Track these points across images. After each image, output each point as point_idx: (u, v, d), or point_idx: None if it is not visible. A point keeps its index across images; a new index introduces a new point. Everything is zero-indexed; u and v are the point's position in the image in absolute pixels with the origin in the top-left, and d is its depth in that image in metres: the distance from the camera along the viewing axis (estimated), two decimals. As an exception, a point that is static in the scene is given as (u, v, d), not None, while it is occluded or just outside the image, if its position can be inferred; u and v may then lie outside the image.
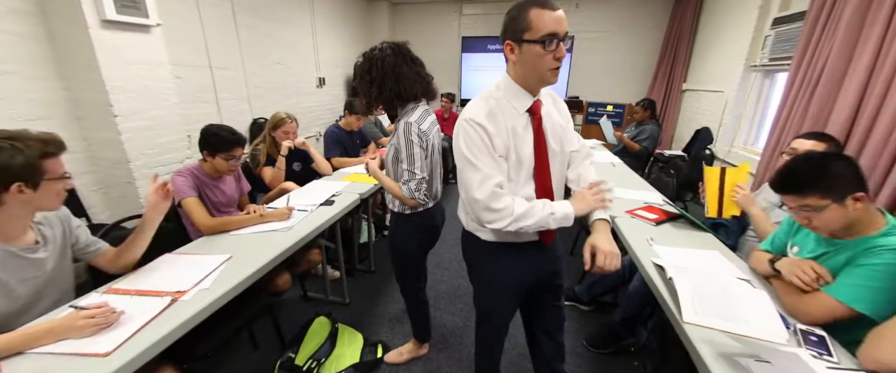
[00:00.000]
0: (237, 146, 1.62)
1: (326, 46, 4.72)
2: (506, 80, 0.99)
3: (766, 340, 0.91)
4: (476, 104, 0.99)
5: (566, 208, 0.98)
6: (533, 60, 0.90)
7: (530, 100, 0.98)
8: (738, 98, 3.53)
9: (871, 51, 2.06)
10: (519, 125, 0.98)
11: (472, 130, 0.95)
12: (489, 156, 0.95)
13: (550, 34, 0.86)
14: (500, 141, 0.95)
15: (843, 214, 0.96)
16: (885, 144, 1.90)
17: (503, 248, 1.09)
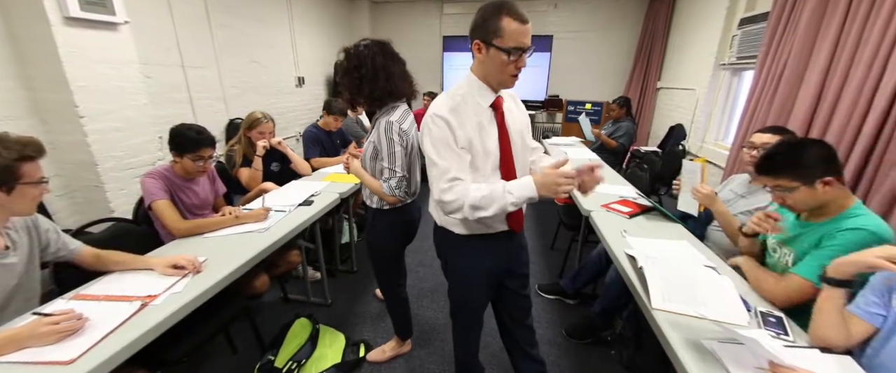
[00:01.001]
0: (204, 146, 1.57)
1: (305, 45, 4.65)
2: (471, 77, 1.04)
3: (728, 322, 0.96)
4: (441, 100, 1.03)
5: (524, 189, 0.92)
6: (497, 65, 0.96)
7: (493, 96, 1.03)
8: (708, 95, 3.67)
9: (827, 50, 2.18)
10: (484, 119, 1.02)
11: (434, 124, 0.99)
12: (449, 149, 0.98)
13: (518, 47, 0.92)
14: (462, 133, 0.99)
15: (812, 195, 1.03)
16: (841, 136, 2.01)
17: (474, 240, 1.12)
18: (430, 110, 1.01)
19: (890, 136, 1.79)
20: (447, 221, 1.14)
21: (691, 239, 1.49)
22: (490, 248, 1.14)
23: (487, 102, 1.03)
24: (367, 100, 1.30)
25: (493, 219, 1.06)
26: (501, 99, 1.06)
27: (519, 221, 1.14)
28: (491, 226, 1.11)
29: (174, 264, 1.20)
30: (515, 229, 1.14)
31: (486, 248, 1.13)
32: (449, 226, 1.14)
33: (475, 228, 1.11)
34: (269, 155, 2.17)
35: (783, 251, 1.16)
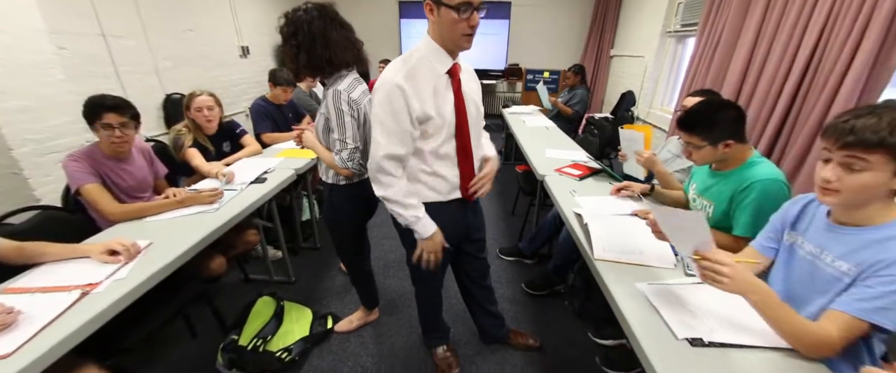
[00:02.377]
0: (104, 109, 1.38)
1: (248, 11, 4.27)
2: (427, 40, 1.02)
3: (658, 266, 1.08)
4: (396, 65, 1.01)
5: (426, 229, 1.09)
6: (449, 24, 0.94)
7: (450, 61, 1.02)
8: (656, 62, 3.85)
9: (756, 21, 2.35)
10: (440, 84, 1.02)
11: (387, 93, 0.97)
12: (395, 121, 0.98)
13: (465, 2, 0.91)
14: (418, 103, 0.98)
15: (713, 153, 1.19)
16: (765, 99, 2.22)
17: (430, 207, 1.13)
18: (384, 76, 0.99)
19: (802, 100, 2.00)
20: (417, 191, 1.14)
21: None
22: (444, 214, 1.15)
23: (444, 68, 1.02)
24: (305, 68, 1.24)
25: (444, 188, 1.13)
26: (458, 66, 1.06)
27: (470, 191, 1.18)
28: (445, 194, 1.14)
29: (110, 250, 1.13)
30: (468, 198, 1.18)
31: (439, 214, 1.14)
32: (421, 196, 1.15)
33: (429, 195, 1.13)
34: (220, 134, 2.04)
35: (703, 203, 1.30)
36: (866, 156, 0.73)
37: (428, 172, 1.10)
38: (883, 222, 0.79)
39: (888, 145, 0.71)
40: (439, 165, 1.09)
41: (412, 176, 1.11)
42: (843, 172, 0.76)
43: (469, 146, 1.11)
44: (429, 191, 1.12)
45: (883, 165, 0.73)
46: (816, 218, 0.91)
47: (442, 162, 1.09)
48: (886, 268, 0.74)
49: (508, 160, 4.08)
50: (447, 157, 1.09)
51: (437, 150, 1.07)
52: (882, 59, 1.63)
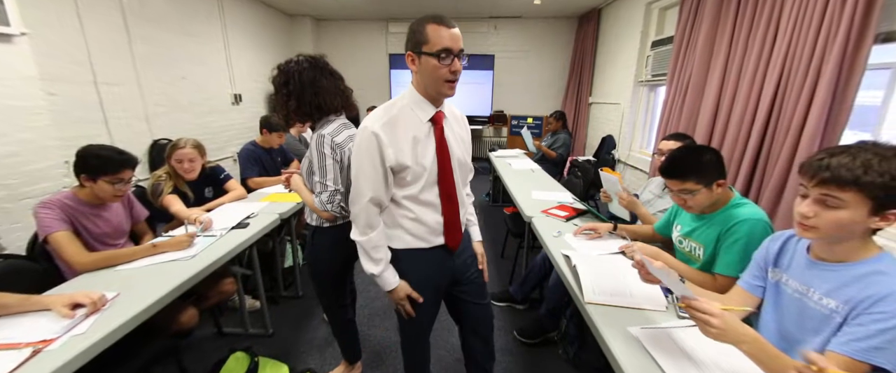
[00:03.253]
0: (125, 167, 1.43)
1: (242, 61, 4.44)
2: (410, 90, 1.05)
3: (650, 309, 1.05)
4: (377, 113, 1.03)
5: (388, 282, 1.10)
6: (430, 72, 0.97)
7: (432, 110, 1.04)
8: (631, 108, 4.08)
9: (720, 67, 2.54)
10: (421, 133, 1.03)
11: (363, 138, 1.00)
12: (371, 166, 1.00)
13: (445, 49, 0.94)
14: (393, 151, 0.99)
15: (709, 195, 1.20)
16: (736, 140, 2.34)
17: (412, 253, 1.11)
18: (364, 123, 1.01)
19: (772, 139, 2.12)
20: (396, 236, 1.12)
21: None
22: (427, 261, 1.13)
23: (427, 116, 1.03)
24: (295, 114, 1.28)
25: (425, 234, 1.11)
26: (442, 114, 1.06)
27: (456, 238, 1.14)
28: (427, 240, 1.11)
29: (73, 303, 1.05)
30: (451, 246, 1.14)
31: (422, 261, 1.12)
32: (387, 241, 1.12)
33: (411, 241, 1.10)
34: (202, 179, 2.02)
35: (691, 245, 1.31)
36: (840, 194, 0.75)
37: (410, 217, 1.08)
38: (861, 259, 0.80)
39: (862, 184, 0.73)
40: (421, 211, 1.08)
41: (393, 222, 1.09)
42: (820, 208, 0.78)
43: (453, 192, 1.10)
44: (410, 237, 1.10)
45: (857, 204, 0.74)
46: (797, 254, 0.92)
47: (423, 208, 1.08)
48: (875, 305, 0.74)
49: (496, 202, 4.11)
50: (429, 203, 1.08)
51: (417, 196, 1.05)
52: (838, 100, 1.76)
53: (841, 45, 1.70)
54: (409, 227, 1.09)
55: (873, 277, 0.77)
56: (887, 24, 1.68)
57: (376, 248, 1.07)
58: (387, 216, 1.09)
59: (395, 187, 1.05)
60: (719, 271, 1.18)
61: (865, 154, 0.74)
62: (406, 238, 1.10)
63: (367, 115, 3.30)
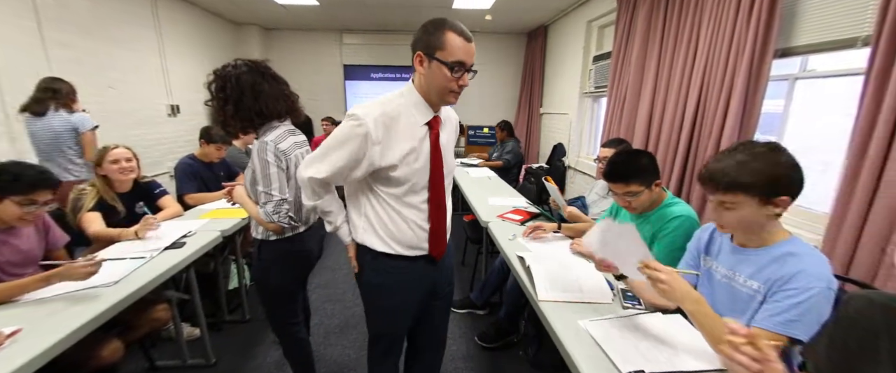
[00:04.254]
0: (39, 188, 1.24)
1: (181, 71, 4.14)
2: (410, 90, 1.00)
3: (598, 302, 1.10)
4: (372, 104, 0.96)
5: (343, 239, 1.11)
6: (438, 79, 0.93)
7: (430, 114, 0.99)
8: (578, 118, 4.34)
9: (651, 80, 2.78)
10: (416, 136, 0.98)
11: (351, 127, 0.93)
12: (346, 155, 0.94)
13: (460, 62, 0.91)
14: (381, 149, 0.94)
15: (650, 196, 1.30)
16: (668, 145, 2.56)
17: (394, 260, 1.06)
18: (355, 111, 0.93)
19: (697, 143, 2.34)
20: (365, 237, 1.06)
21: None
22: (410, 271, 1.08)
23: (424, 119, 0.98)
24: (232, 120, 1.21)
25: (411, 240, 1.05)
26: (439, 120, 1.02)
27: (440, 247, 1.09)
28: (411, 247, 1.06)
29: None
30: (435, 256, 1.09)
31: (405, 271, 1.07)
32: (365, 241, 1.06)
33: (394, 246, 1.04)
34: (135, 193, 1.82)
35: None
36: (730, 198, 0.85)
37: (394, 218, 1.02)
38: (776, 242, 0.90)
39: (742, 185, 0.83)
40: (407, 214, 1.03)
41: (376, 221, 1.03)
42: (722, 210, 0.89)
43: (443, 199, 1.06)
44: (392, 241, 1.04)
45: (747, 201, 0.85)
46: (724, 243, 1.02)
47: (409, 211, 1.03)
48: (787, 283, 0.83)
49: (456, 211, 4.11)
50: (415, 207, 1.03)
51: (403, 198, 1.01)
52: (748, 107, 2.00)
53: (748, 60, 1.94)
54: (392, 229, 1.03)
55: (786, 258, 0.86)
56: (783, 41, 1.95)
57: (328, 212, 1.07)
58: (371, 212, 1.04)
59: (381, 185, 1.00)
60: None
61: (740, 156, 0.85)
62: (388, 241, 1.04)
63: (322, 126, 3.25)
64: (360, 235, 1.07)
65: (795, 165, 0.83)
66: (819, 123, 1.98)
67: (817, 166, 1.96)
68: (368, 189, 1.03)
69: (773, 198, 0.83)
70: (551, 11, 4.61)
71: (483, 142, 5.75)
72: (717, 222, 0.93)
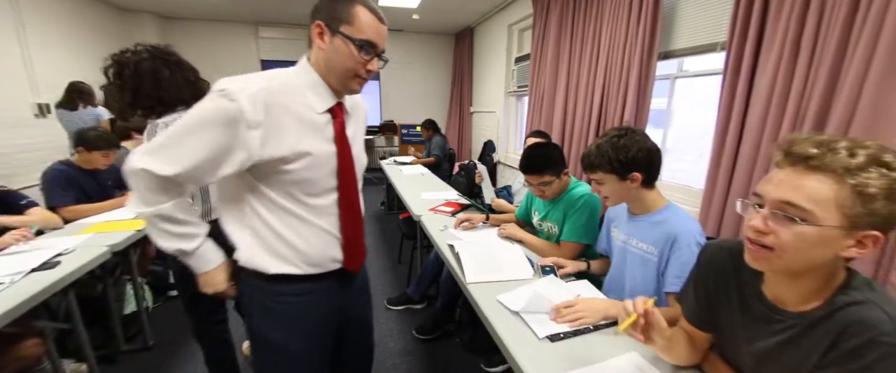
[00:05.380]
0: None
1: (51, 64, 3.47)
2: (304, 68, 0.80)
3: (519, 278, 1.19)
4: (251, 78, 0.73)
5: (207, 259, 0.84)
6: (342, 58, 0.76)
7: (331, 99, 0.81)
8: (505, 116, 4.59)
9: (563, 82, 3.05)
10: (311, 125, 0.78)
11: (216, 104, 0.69)
12: (208, 143, 0.71)
13: (370, 42, 0.76)
14: (261, 136, 0.71)
15: (559, 183, 1.43)
16: (581, 137, 2.83)
17: (296, 285, 0.84)
18: (223, 84, 0.70)
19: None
20: (252, 257, 0.81)
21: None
22: (316, 293, 0.87)
23: (323, 105, 0.79)
24: (130, 108, 1.11)
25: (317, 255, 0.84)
26: (343, 108, 0.84)
27: (358, 258, 0.91)
28: (319, 263, 0.85)
29: None
30: (352, 269, 0.90)
31: (310, 293, 0.86)
32: (254, 262, 0.81)
33: (298, 263, 0.83)
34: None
35: (547, 225, 1.54)
36: (595, 176, 1.05)
37: (293, 229, 0.81)
38: (657, 209, 1.06)
39: (600, 165, 1.03)
40: (312, 221, 0.82)
41: (268, 234, 0.80)
42: (599, 186, 1.07)
43: (356, 200, 0.88)
44: (297, 260, 0.83)
45: (610, 178, 1.03)
46: (624, 214, 1.17)
47: (314, 217, 0.82)
48: (674, 245, 0.99)
49: (392, 210, 4.10)
50: (321, 213, 0.83)
51: (306, 201, 0.81)
52: (641, 103, 2.30)
53: (638, 61, 2.23)
54: (293, 241, 0.81)
55: (666, 222, 1.03)
56: (665, 45, 2.28)
57: (178, 223, 0.78)
58: (258, 222, 0.80)
59: (272, 185, 0.78)
60: (564, 239, 1.42)
61: (600, 141, 1.04)
62: (289, 258, 0.82)
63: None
64: (245, 255, 0.81)
65: (643, 147, 1.01)
66: (697, 117, 2.35)
67: (695, 153, 2.34)
68: (252, 191, 0.79)
69: (627, 174, 1.01)
70: (476, 14, 4.81)
71: (417, 140, 5.77)
72: (600, 197, 1.11)
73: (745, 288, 0.69)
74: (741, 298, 0.70)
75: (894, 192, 0.50)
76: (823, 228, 0.52)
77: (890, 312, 0.52)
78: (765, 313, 0.65)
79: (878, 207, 0.50)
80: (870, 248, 0.53)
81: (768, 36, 1.58)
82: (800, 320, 0.60)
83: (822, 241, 0.53)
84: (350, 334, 1.01)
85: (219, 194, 0.86)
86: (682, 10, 2.20)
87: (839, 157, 0.51)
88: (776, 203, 0.55)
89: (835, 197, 0.51)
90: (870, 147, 0.52)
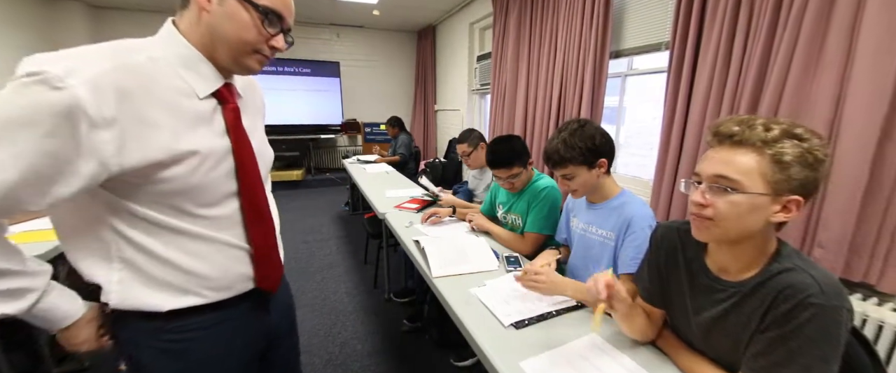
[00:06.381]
0: None
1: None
2: (172, 36, 0.61)
3: (484, 270, 1.20)
4: (87, 53, 0.52)
5: (63, 309, 0.62)
6: (237, 27, 0.60)
7: (217, 81, 0.64)
8: (469, 114, 4.63)
9: (524, 77, 3.12)
10: (191, 113, 0.60)
11: (29, 93, 0.47)
12: (29, 160, 0.48)
13: (276, 13, 0.61)
14: (116, 136, 0.52)
15: (526, 174, 1.47)
16: (542, 132, 2.91)
17: (200, 318, 0.67)
18: (44, 65, 0.48)
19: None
20: (129, 296, 0.61)
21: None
22: (230, 324, 0.71)
23: (207, 88, 0.62)
24: None
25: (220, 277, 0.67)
26: (234, 90, 0.68)
27: (273, 273, 0.75)
28: (227, 286, 0.68)
29: None
30: (268, 288, 0.75)
31: (224, 325, 0.70)
32: (135, 302, 0.62)
33: (199, 291, 0.65)
34: None
35: (512, 217, 1.57)
36: (566, 171, 1.07)
37: (185, 252, 0.63)
38: (614, 196, 1.12)
39: (566, 159, 1.05)
40: (215, 232, 0.65)
41: (154, 262, 0.61)
42: (566, 181, 1.10)
43: (263, 205, 0.72)
44: (197, 286, 0.65)
45: (578, 170, 1.07)
46: (582, 203, 1.21)
47: (219, 229, 0.66)
48: (628, 229, 1.04)
49: (357, 211, 4.00)
50: (227, 222, 0.67)
51: (196, 212, 0.63)
52: (595, 100, 2.41)
53: (592, 59, 2.34)
54: (186, 265, 0.63)
55: (622, 207, 1.08)
56: (615, 44, 2.40)
57: (5, 274, 0.55)
58: (131, 251, 0.60)
59: (143, 201, 0.58)
60: (527, 230, 1.45)
61: (563, 135, 1.07)
62: (183, 287, 0.64)
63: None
64: (121, 295, 0.61)
65: (603, 133, 1.08)
66: (647, 114, 2.50)
67: (646, 147, 2.49)
68: (114, 213, 0.58)
69: (595, 162, 1.06)
70: (438, 12, 4.81)
71: (381, 139, 5.69)
72: (569, 190, 1.13)
73: (692, 263, 0.74)
74: (689, 272, 0.75)
75: (806, 159, 0.57)
76: (752, 194, 0.59)
77: (816, 276, 0.58)
78: (709, 285, 0.70)
79: (794, 173, 0.57)
80: (794, 212, 0.59)
81: (705, 37, 1.71)
82: (740, 287, 0.65)
83: (753, 207, 0.59)
84: (274, 357, 0.83)
85: (56, 222, 0.61)
86: (630, 11, 2.33)
87: (757, 132, 0.58)
88: (711, 177, 0.62)
89: (757, 167, 0.58)
90: (783, 123, 0.59)
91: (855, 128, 1.22)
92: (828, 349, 0.56)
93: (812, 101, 1.33)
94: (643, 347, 0.84)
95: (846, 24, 1.23)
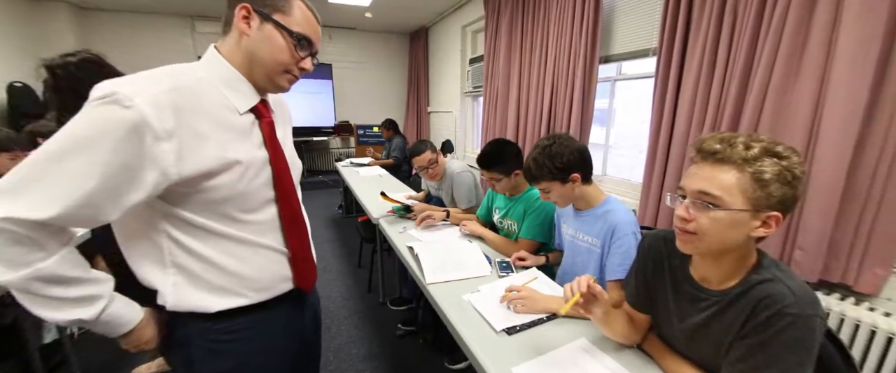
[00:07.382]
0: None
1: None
2: (218, 60, 0.69)
3: (477, 276, 1.22)
4: (145, 77, 0.60)
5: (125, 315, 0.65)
6: (273, 50, 0.67)
7: (254, 97, 0.71)
8: (462, 116, 4.65)
9: (516, 80, 3.15)
10: (234, 128, 0.68)
11: (102, 111, 0.55)
12: (103, 169, 0.54)
13: (307, 38, 0.70)
14: (175, 148, 0.59)
15: (509, 182, 1.50)
16: (533, 133, 2.94)
17: (247, 317, 0.73)
18: (114, 87, 0.55)
19: (553, 133, 2.76)
20: (183, 298, 0.68)
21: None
22: (273, 323, 0.78)
23: (245, 104, 0.69)
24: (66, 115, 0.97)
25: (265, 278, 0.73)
26: (268, 106, 0.75)
27: (310, 275, 0.83)
28: (268, 287, 0.75)
29: None
30: (304, 287, 0.81)
31: (267, 324, 0.76)
32: (188, 304, 0.68)
33: (245, 293, 0.71)
34: None
35: (508, 223, 1.59)
36: (541, 186, 1.13)
37: (240, 251, 0.70)
38: (599, 203, 1.14)
39: (540, 175, 1.10)
40: (258, 237, 0.72)
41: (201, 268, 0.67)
42: (546, 195, 1.15)
43: (298, 211, 0.80)
44: (243, 289, 0.72)
45: (552, 185, 1.11)
46: (570, 210, 1.24)
47: (262, 234, 0.73)
48: (614, 235, 1.06)
49: (350, 213, 4.00)
50: (263, 231, 0.73)
51: (241, 218, 0.70)
52: (586, 103, 2.45)
53: (582, 64, 2.37)
54: (234, 268, 0.70)
55: (607, 214, 1.10)
56: (605, 49, 2.44)
57: (73, 284, 0.58)
58: (184, 256, 0.67)
59: (193, 208, 0.65)
60: (522, 236, 1.48)
61: (535, 153, 1.12)
62: (233, 289, 0.71)
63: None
64: (175, 297, 0.67)
65: (574, 149, 1.10)
66: (637, 118, 2.54)
67: (635, 150, 2.53)
68: (168, 220, 0.65)
69: (567, 177, 1.09)
70: (430, 14, 4.82)
71: (374, 141, 5.68)
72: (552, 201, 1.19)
73: (677, 272, 0.77)
74: (673, 280, 0.77)
75: (785, 177, 0.59)
76: (733, 211, 0.61)
77: (792, 286, 0.61)
78: (693, 293, 0.73)
79: (773, 190, 0.60)
80: (773, 227, 0.62)
81: (690, 44, 1.75)
82: (722, 297, 0.68)
83: (734, 223, 0.62)
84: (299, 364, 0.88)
85: (118, 230, 0.68)
86: (619, 17, 2.37)
87: (737, 150, 0.61)
88: (694, 193, 0.64)
89: (738, 184, 0.61)
90: (763, 141, 0.62)
91: (833, 134, 1.27)
92: (803, 354, 0.59)
93: (792, 107, 1.38)
94: (630, 351, 0.86)
95: (824, 35, 1.28)
